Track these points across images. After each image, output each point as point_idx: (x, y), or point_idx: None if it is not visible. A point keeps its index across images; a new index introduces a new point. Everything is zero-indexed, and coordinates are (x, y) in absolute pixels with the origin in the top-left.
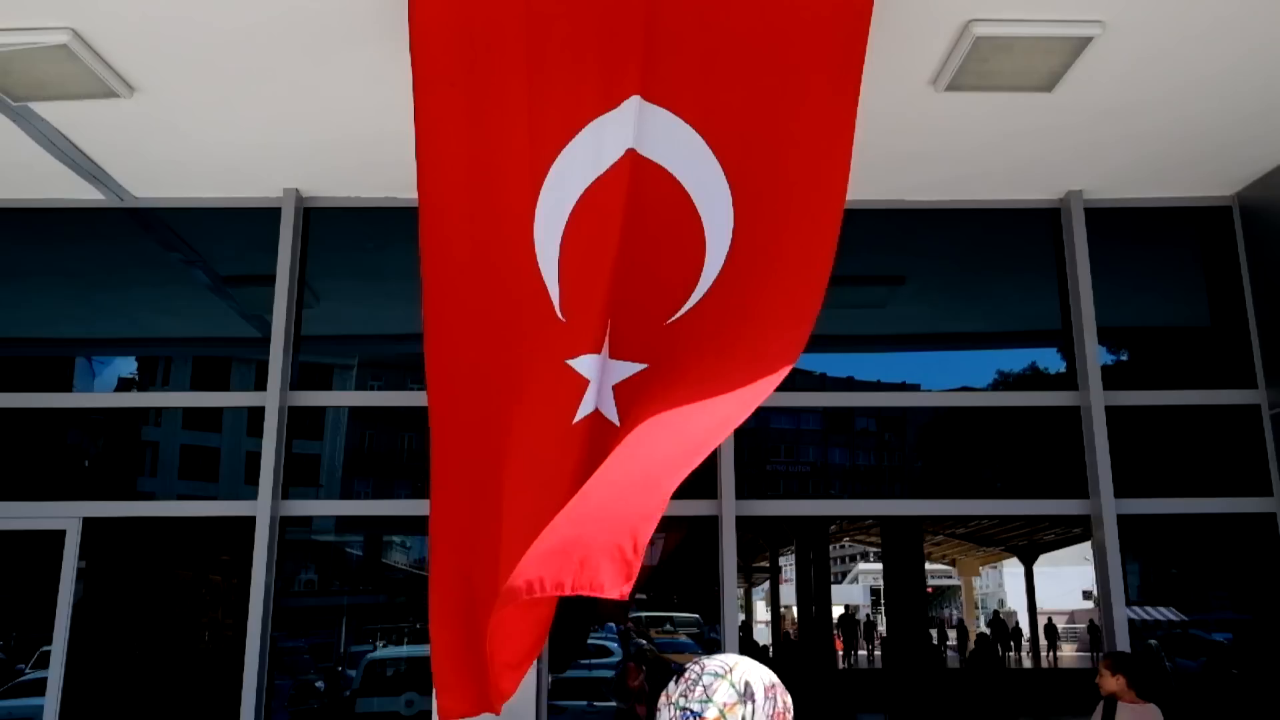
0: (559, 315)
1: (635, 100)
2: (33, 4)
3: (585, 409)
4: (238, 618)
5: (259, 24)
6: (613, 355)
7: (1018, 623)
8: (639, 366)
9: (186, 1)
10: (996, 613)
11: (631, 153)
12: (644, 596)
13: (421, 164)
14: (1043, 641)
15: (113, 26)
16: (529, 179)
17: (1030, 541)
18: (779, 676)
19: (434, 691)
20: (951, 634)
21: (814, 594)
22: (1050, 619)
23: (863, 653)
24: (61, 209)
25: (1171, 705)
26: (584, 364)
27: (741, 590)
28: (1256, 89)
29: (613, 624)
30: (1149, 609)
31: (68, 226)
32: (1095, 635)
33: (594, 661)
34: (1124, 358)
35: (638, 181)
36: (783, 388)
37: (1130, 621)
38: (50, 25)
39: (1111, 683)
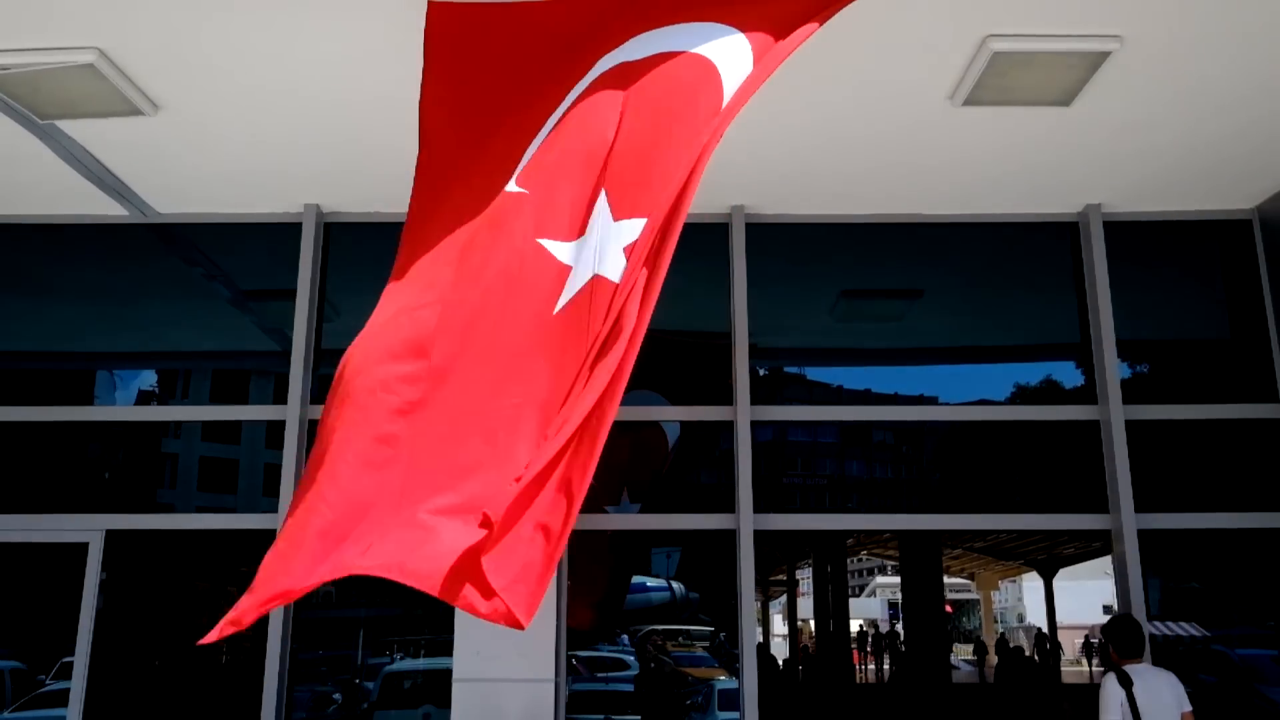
0: (520, 190)
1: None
2: (61, 24)
3: (566, 296)
4: (256, 630)
5: (281, 42)
6: (616, 218)
7: (1050, 637)
8: (642, 221)
9: (210, 21)
10: (1004, 635)
11: (613, 68)
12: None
13: (423, 115)
14: (1081, 657)
15: (139, 46)
16: (521, 142)
17: (1049, 555)
18: (797, 690)
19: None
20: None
21: (831, 608)
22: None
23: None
24: (85, 224)
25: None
26: (563, 249)
27: (758, 604)
28: (1276, 102)
29: (626, 636)
30: (1170, 624)
31: (91, 242)
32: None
33: (611, 675)
34: (1144, 371)
35: (631, 72)
36: (800, 402)
37: (1151, 637)
38: (78, 45)
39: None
